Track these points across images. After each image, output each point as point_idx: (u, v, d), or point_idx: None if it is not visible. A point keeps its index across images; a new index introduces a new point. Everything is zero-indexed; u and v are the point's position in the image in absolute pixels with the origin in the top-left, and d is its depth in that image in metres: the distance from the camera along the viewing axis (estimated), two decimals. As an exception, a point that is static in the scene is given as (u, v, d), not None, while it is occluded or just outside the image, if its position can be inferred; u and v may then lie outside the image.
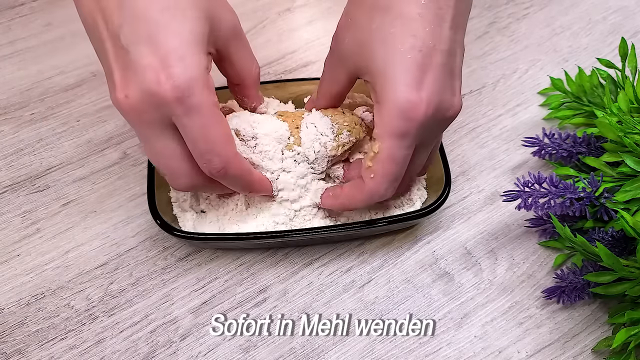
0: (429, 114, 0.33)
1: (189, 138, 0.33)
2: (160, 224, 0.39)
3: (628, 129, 0.41)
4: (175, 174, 0.35)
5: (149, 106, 0.31)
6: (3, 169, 0.48)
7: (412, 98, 0.33)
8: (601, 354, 0.40)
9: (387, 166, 0.35)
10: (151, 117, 0.32)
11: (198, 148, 0.33)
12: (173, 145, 0.34)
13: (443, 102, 0.34)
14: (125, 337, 0.40)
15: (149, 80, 0.31)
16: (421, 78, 0.33)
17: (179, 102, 0.31)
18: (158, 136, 0.33)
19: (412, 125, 0.34)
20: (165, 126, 0.33)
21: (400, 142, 0.34)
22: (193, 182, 0.36)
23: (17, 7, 0.59)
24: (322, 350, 0.40)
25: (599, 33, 0.59)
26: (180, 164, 0.35)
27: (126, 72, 0.31)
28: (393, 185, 0.36)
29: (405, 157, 0.35)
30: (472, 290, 0.43)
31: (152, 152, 0.34)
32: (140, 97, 0.31)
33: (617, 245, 0.40)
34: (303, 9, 0.61)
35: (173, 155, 0.34)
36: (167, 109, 0.31)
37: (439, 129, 0.37)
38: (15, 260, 0.43)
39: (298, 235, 0.39)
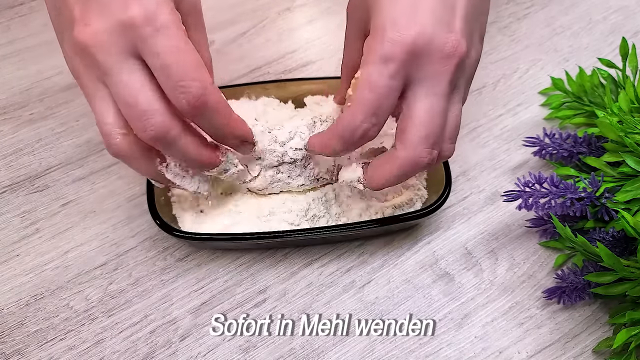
0: (416, 41, 0.31)
1: (161, 64, 0.30)
2: (159, 224, 0.39)
3: (629, 128, 0.41)
4: (147, 111, 0.31)
5: (115, 34, 0.30)
6: (2, 169, 0.48)
7: (399, 21, 0.31)
8: (602, 354, 0.40)
9: (363, 93, 0.32)
10: (117, 47, 0.30)
11: (172, 74, 0.30)
12: (141, 77, 0.31)
13: (435, 34, 0.31)
14: (125, 338, 0.40)
15: (115, 6, 0.30)
16: (413, 6, 0.32)
17: (146, 22, 0.30)
18: (124, 67, 0.30)
19: (395, 50, 0.31)
20: (130, 55, 0.30)
21: (382, 67, 0.32)
22: (166, 123, 0.31)
23: (17, 7, 0.59)
24: (322, 351, 0.40)
25: (599, 33, 0.59)
26: (152, 96, 0.31)
27: (88, 5, 0.30)
28: (370, 119, 0.33)
29: (386, 87, 0.32)
30: (472, 290, 0.42)
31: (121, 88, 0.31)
32: (105, 25, 0.30)
33: (617, 246, 0.39)
34: (303, 8, 0.61)
35: (142, 87, 0.31)
36: (133, 33, 0.30)
37: (436, 65, 0.32)
38: (15, 260, 0.43)
39: (297, 235, 0.39)
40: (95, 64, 0.31)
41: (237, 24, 0.57)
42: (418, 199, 0.43)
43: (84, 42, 0.30)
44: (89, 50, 0.30)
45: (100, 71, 0.31)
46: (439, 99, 0.33)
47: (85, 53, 0.31)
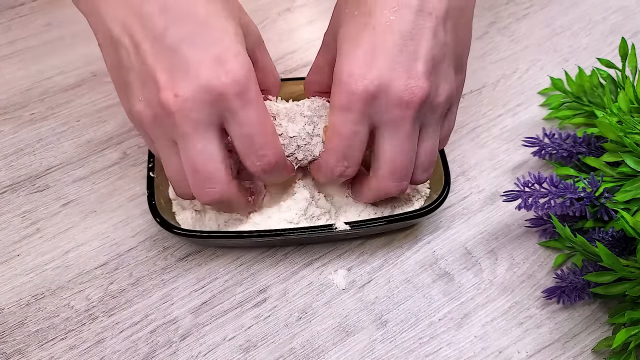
0: (370, 90, 0.33)
1: (245, 133, 0.33)
2: (159, 222, 0.39)
3: (628, 129, 0.41)
4: (211, 179, 0.34)
5: (202, 103, 0.31)
6: (3, 169, 0.48)
7: (354, 71, 0.33)
8: (601, 354, 0.40)
9: (333, 139, 0.35)
10: (201, 115, 0.32)
11: (255, 142, 0.33)
12: (215, 147, 0.33)
13: (392, 81, 0.33)
14: (125, 337, 0.40)
15: (206, 76, 0.31)
16: (371, 55, 0.33)
17: (237, 95, 0.31)
18: (201, 136, 0.32)
19: (352, 99, 0.33)
20: (212, 126, 0.33)
21: (344, 116, 0.34)
22: (225, 190, 0.35)
23: (17, 7, 0.59)
24: (322, 350, 0.40)
25: (599, 33, 0.59)
26: (219, 167, 0.34)
27: (174, 72, 0.31)
28: (343, 162, 0.36)
29: (351, 133, 0.34)
30: (472, 290, 0.42)
31: (195, 153, 0.33)
32: (194, 94, 0.31)
33: (617, 245, 0.40)
34: (303, 9, 0.61)
35: (213, 157, 0.33)
36: (223, 105, 0.32)
37: (396, 111, 0.34)
38: (15, 260, 0.43)
39: (297, 233, 0.39)
40: (174, 128, 0.33)
41: (237, 24, 0.57)
42: (421, 197, 0.44)
43: (170, 109, 0.32)
44: (173, 116, 0.32)
45: (176, 134, 0.33)
46: (403, 141, 0.35)
47: (168, 117, 0.32)
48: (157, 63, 0.32)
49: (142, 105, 0.33)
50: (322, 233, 0.40)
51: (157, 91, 0.32)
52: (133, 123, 0.36)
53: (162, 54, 0.31)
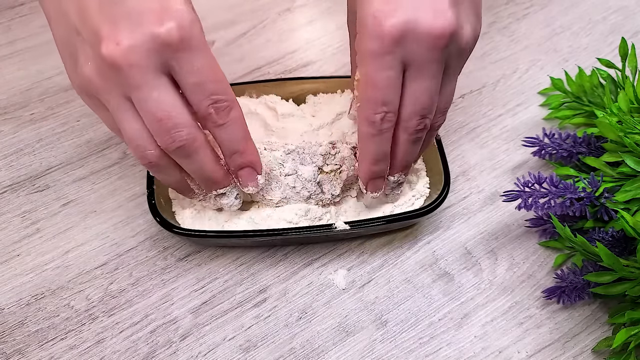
0: (398, 28, 0.32)
1: (195, 80, 0.32)
2: (159, 221, 0.39)
3: (628, 129, 0.41)
4: (176, 124, 0.33)
5: (147, 51, 0.31)
6: (3, 169, 0.48)
7: (378, 13, 0.32)
8: (601, 354, 0.40)
9: (368, 90, 0.34)
10: (149, 63, 0.31)
11: (205, 89, 0.32)
12: (172, 92, 0.32)
13: (420, 17, 0.32)
14: (125, 337, 0.40)
15: (149, 22, 0.30)
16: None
17: (182, 42, 0.31)
18: (155, 84, 0.32)
19: (382, 43, 0.32)
20: (162, 74, 0.32)
21: (375, 63, 0.33)
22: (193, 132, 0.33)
23: (17, 7, 0.59)
24: (322, 350, 0.40)
25: (599, 33, 0.59)
26: (182, 110, 0.33)
27: (118, 23, 0.30)
28: (381, 109, 0.34)
29: (387, 79, 0.33)
30: (472, 290, 0.42)
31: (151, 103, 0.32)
32: (137, 42, 0.30)
33: (617, 245, 0.40)
34: (303, 9, 0.61)
35: (173, 102, 0.32)
36: (168, 51, 0.31)
37: (426, 48, 0.33)
38: (15, 260, 0.43)
39: (296, 233, 0.39)
40: (123, 81, 0.31)
41: (237, 24, 0.58)
42: (421, 196, 0.44)
43: (114, 60, 0.31)
44: (119, 67, 0.31)
45: (128, 87, 0.32)
46: (430, 79, 0.34)
47: (114, 70, 0.31)
48: (101, 17, 0.31)
49: (88, 67, 0.32)
50: (322, 233, 0.40)
51: (99, 45, 0.31)
52: (83, 93, 0.34)
53: (107, 8, 0.30)
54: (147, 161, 0.35)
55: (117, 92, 0.32)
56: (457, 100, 0.54)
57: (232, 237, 0.40)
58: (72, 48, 0.33)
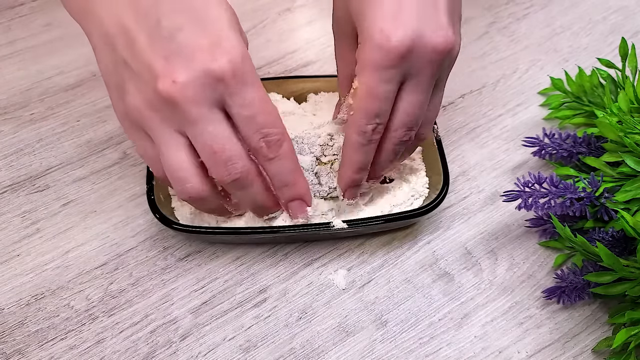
0: (406, 44, 0.33)
1: (247, 113, 0.33)
2: (159, 217, 0.39)
3: (628, 129, 0.41)
4: (231, 157, 0.34)
5: (202, 86, 0.32)
6: (3, 169, 0.48)
7: (385, 27, 0.33)
8: (601, 354, 0.40)
9: (366, 101, 0.35)
10: (204, 98, 0.32)
11: (257, 122, 0.33)
12: (226, 127, 0.33)
13: (424, 33, 0.33)
14: (125, 337, 0.40)
15: (202, 60, 0.31)
16: (397, 9, 0.33)
17: (234, 77, 0.32)
18: (210, 118, 0.33)
19: (388, 57, 0.33)
20: (216, 108, 0.33)
21: (378, 75, 0.34)
22: (247, 167, 0.35)
23: (17, 7, 0.59)
24: (322, 350, 0.40)
25: (599, 33, 0.59)
26: (237, 144, 0.34)
27: (171, 60, 0.31)
28: (374, 121, 0.35)
29: (385, 92, 0.34)
30: (472, 290, 0.42)
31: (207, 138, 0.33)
32: (192, 78, 0.31)
33: (617, 245, 0.40)
34: (303, 9, 0.61)
35: (228, 135, 0.33)
36: (221, 87, 0.32)
37: (427, 62, 0.34)
38: (15, 260, 0.43)
39: (295, 231, 0.39)
40: (179, 116, 0.32)
41: (237, 24, 0.57)
42: (420, 196, 0.44)
43: (170, 96, 0.31)
44: (175, 103, 0.32)
45: (183, 122, 0.33)
46: (423, 92, 0.35)
47: (169, 105, 0.32)
48: (152, 53, 0.31)
49: (138, 98, 0.33)
50: (320, 231, 0.40)
51: (154, 81, 0.31)
52: (127, 121, 0.35)
53: (158, 44, 0.31)
54: (188, 194, 0.35)
55: (168, 125, 0.33)
56: (457, 100, 0.54)
57: (230, 234, 0.40)
58: (119, 78, 0.34)
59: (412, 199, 0.44)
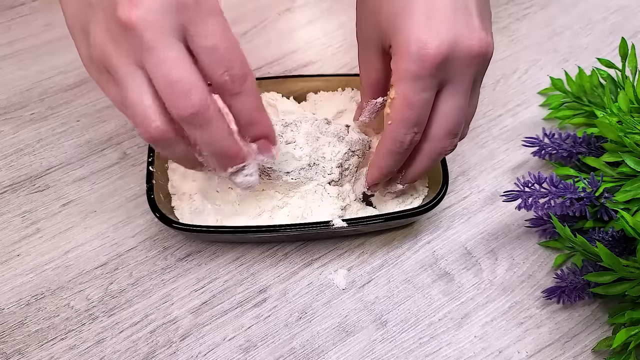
0: (443, 52, 0.33)
1: (209, 44, 0.31)
2: (159, 216, 0.39)
3: (628, 129, 0.41)
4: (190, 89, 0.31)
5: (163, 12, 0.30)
6: (3, 169, 0.48)
7: (421, 37, 0.33)
8: (601, 354, 0.40)
9: (403, 111, 0.35)
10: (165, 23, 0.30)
11: (220, 54, 0.32)
12: (185, 56, 0.31)
13: (459, 38, 0.33)
14: (125, 337, 0.40)
15: None
16: (429, 17, 0.33)
17: (197, 4, 0.31)
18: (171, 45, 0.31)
19: (425, 66, 0.33)
20: (176, 35, 0.31)
21: (415, 85, 0.34)
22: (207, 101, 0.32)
23: (17, 7, 0.59)
24: (322, 350, 0.40)
25: (599, 33, 0.59)
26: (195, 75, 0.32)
27: None
28: (412, 131, 0.35)
29: (422, 101, 0.34)
30: (472, 290, 0.42)
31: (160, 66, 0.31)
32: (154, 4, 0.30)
33: (617, 245, 0.40)
34: (303, 9, 0.61)
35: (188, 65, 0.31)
36: (184, 13, 0.31)
37: (464, 67, 0.34)
38: (15, 260, 0.43)
39: (294, 229, 0.40)
40: (137, 44, 0.31)
41: (237, 24, 0.58)
42: (419, 196, 0.44)
43: (129, 22, 0.30)
44: (134, 29, 0.30)
45: (141, 50, 0.31)
46: (463, 98, 0.35)
47: (128, 32, 0.30)
48: None
49: (99, 35, 0.32)
50: (320, 230, 0.40)
51: (114, 8, 0.30)
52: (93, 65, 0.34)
53: None
54: (152, 135, 0.33)
55: (128, 58, 0.31)
56: (457, 100, 0.54)
57: (230, 233, 0.40)
58: (83, 21, 0.33)
59: (412, 197, 0.44)
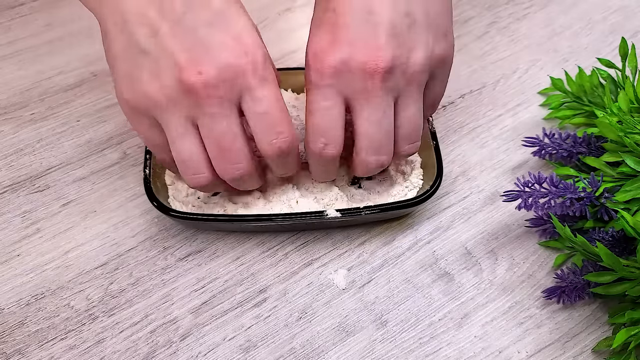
0: (334, 65, 0.34)
1: (262, 110, 0.34)
2: (156, 205, 0.40)
3: (628, 129, 0.41)
4: (237, 157, 0.35)
5: (224, 81, 0.33)
6: (3, 169, 0.48)
7: (317, 51, 0.35)
8: (601, 354, 0.40)
9: (308, 117, 0.37)
10: (225, 93, 0.33)
11: (271, 120, 0.34)
12: (239, 125, 0.35)
13: (355, 55, 0.34)
14: (125, 337, 0.40)
15: (227, 55, 0.33)
16: (333, 35, 0.35)
17: (256, 74, 0.33)
18: (226, 114, 0.34)
19: (320, 76, 0.35)
20: (233, 104, 0.34)
21: (315, 93, 0.36)
22: (249, 167, 0.36)
23: (17, 7, 0.59)
24: (322, 350, 0.40)
25: (599, 33, 0.59)
26: (244, 144, 0.35)
27: (195, 52, 0.32)
28: (319, 139, 0.36)
29: (322, 109, 0.36)
30: (472, 290, 0.42)
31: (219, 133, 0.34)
32: (217, 71, 0.32)
33: (617, 245, 0.40)
34: (303, 9, 0.61)
35: (238, 135, 0.35)
36: (242, 82, 0.33)
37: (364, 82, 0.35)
38: (16, 260, 0.43)
39: (288, 218, 0.40)
40: (195, 107, 0.33)
41: (237, 24, 0.57)
42: (412, 189, 0.44)
43: (194, 87, 0.33)
44: (196, 94, 0.33)
45: (198, 113, 0.34)
46: (374, 112, 0.36)
47: (190, 96, 0.33)
48: (176, 44, 0.33)
49: (153, 86, 0.33)
50: (314, 220, 0.40)
51: (178, 71, 0.33)
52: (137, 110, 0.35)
53: (182, 36, 0.33)
54: (199, 182, 0.37)
55: (181, 117, 0.34)
56: (457, 100, 0.54)
57: (225, 222, 0.41)
58: (131, 65, 0.34)
59: (406, 189, 0.44)
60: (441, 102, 0.42)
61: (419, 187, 0.44)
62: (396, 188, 0.44)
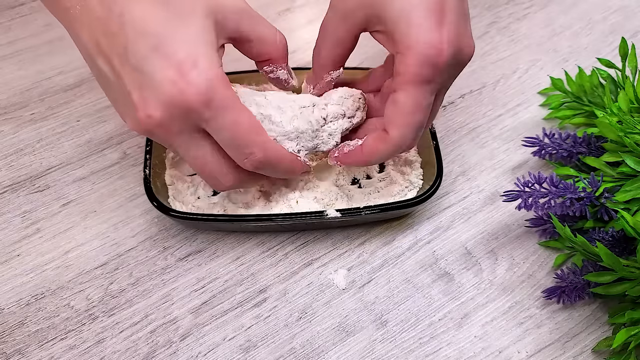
0: (450, 58, 0.33)
1: (224, 137, 0.33)
2: (157, 205, 0.40)
3: (628, 128, 0.41)
4: (220, 175, 0.36)
5: (174, 118, 0.32)
6: (3, 169, 0.48)
7: (435, 43, 0.33)
8: (601, 354, 0.40)
9: (414, 116, 0.35)
10: (179, 128, 0.33)
11: (235, 145, 0.34)
12: (208, 149, 0.34)
13: (461, 44, 0.34)
14: (125, 337, 0.40)
15: (169, 93, 0.31)
16: (441, 21, 0.33)
17: (205, 106, 0.31)
18: (190, 144, 0.34)
19: (436, 71, 0.33)
20: (194, 132, 0.33)
21: (426, 89, 0.34)
22: (237, 178, 0.36)
23: (17, 7, 0.59)
24: (322, 350, 0.40)
25: (599, 33, 0.59)
26: (221, 163, 0.35)
27: (143, 91, 0.31)
28: (419, 134, 0.36)
29: (429, 104, 0.35)
30: (472, 290, 0.42)
31: (191, 160, 0.35)
32: (164, 111, 0.31)
33: (617, 245, 0.40)
34: (303, 9, 0.61)
35: (211, 158, 0.35)
36: (194, 116, 0.32)
37: (456, 72, 0.36)
38: (16, 260, 0.43)
39: (287, 218, 0.40)
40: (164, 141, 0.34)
41: (237, 24, 0.58)
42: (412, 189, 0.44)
43: (149, 129, 0.33)
44: (154, 135, 0.33)
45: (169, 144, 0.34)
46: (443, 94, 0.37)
47: (153, 134, 0.33)
48: (128, 81, 0.32)
49: (130, 121, 0.34)
50: (314, 220, 0.40)
51: (135, 112, 0.32)
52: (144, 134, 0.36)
53: (130, 73, 0.31)
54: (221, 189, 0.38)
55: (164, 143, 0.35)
56: (457, 100, 0.54)
57: (225, 222, 0.41)
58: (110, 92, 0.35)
59: (406, 190, 0.44)
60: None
61: (419, 187, 0.44)
62: (396, 188, 0.44)
